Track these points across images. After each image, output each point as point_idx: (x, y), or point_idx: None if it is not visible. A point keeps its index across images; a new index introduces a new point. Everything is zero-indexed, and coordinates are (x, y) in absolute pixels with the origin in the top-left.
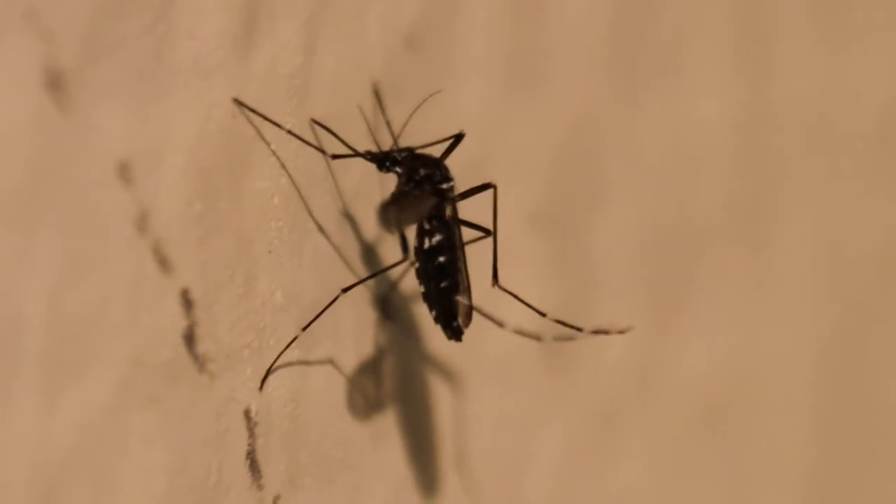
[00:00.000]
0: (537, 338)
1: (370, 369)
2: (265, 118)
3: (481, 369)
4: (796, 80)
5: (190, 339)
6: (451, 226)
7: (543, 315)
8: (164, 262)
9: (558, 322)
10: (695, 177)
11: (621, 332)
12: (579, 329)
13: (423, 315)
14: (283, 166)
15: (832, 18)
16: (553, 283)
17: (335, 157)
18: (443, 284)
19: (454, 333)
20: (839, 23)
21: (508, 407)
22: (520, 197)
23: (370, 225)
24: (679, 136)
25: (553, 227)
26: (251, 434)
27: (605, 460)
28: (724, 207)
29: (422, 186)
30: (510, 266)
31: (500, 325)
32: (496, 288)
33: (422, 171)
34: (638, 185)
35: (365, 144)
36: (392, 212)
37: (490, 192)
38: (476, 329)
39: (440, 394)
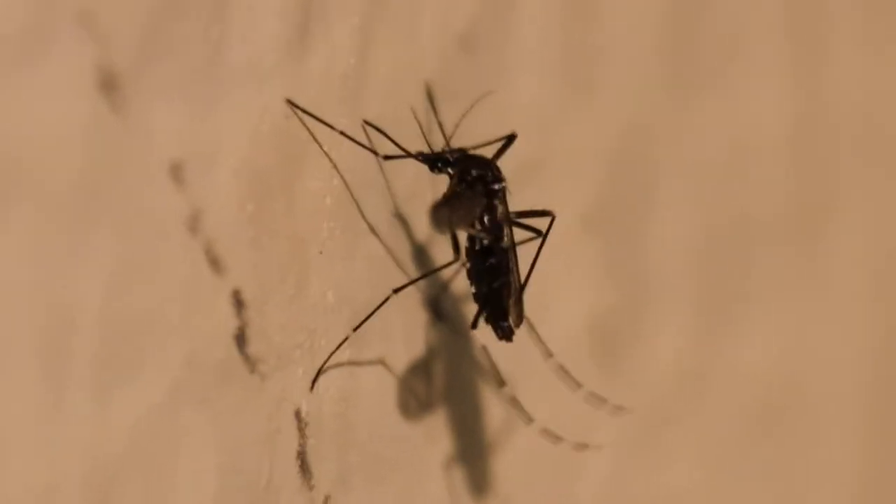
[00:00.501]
0: (577, 384)
1: (420, 370)
2: (318, 119)
3: (532, 370)
4: (850, 81)
5: (241, 339)
6: (502, 227)
7: (551, 356)
8: (216, 263)
9: (561, 369)
10: (748, 179)
11: (618, 409)
12: (579, 385)
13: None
14: (335, 167)
15: (885, 20)
16: (606, 285)
17: (387, 157)
18: (494, 285)
19: (505, 334)
20: (892, 23)
21: (559, 408)
22: (573, 198)
23: (422, 226)
24: (732, 137)
25: (607, 228)
26: (302, 434)
27: (657, 463)
28: (778, 210)
29: (474, 187)
30: (563, 267)
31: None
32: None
33: (474, 172)
34: (692, 187)
35: (417, 145)
36: (444, 213)
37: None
38: (527, 330)
39: (490, 394)
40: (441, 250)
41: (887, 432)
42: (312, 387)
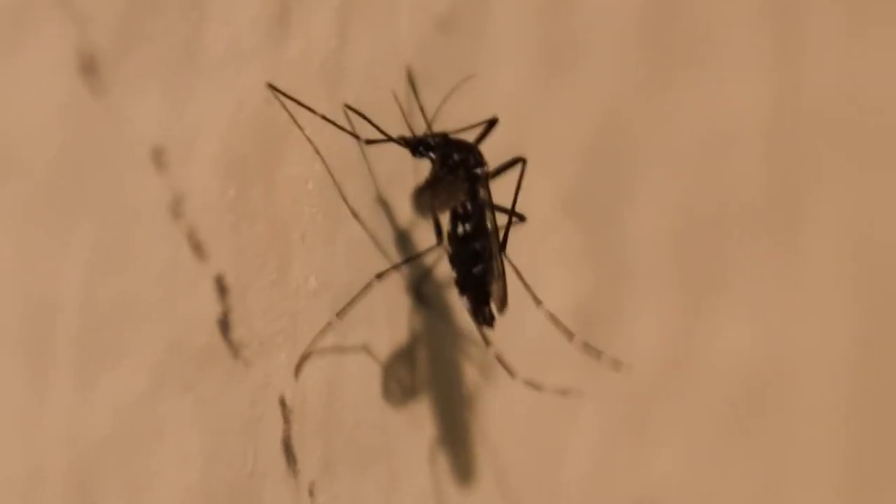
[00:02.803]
0: (570, 334)
1: (404, 355)
2: (299, 104)
3: (515, 354)
4: (828, 68)
5: (224, 324)
6: (484, 211)
7: (572, 336)
8: (198, 248)
9: (586, 346)
10: (726, 166)
11: (616, 365)
12: (599, 353)
13: (457, 300)
14: (316, 152)
15: (863, 10)
16: (586, 270)
17: (369, 142)
18: (475, 270)
19: (486, 320)
20: (870, 11)
21: (543, 392)
22: (553, 183)
23: (404, 210)
24: (711, 123)
25: (586, 213)
26: (286, 420)
27: (640, 447)
28: (757, 195)
29: (456, 172)
30: (543, 252)
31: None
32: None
33: (456, 157)
34: (670, 173)
35: (398, 130)
36: (426, 197)
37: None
38: (509, 314)
39: (474, 379)
40: (423, 234)
41: (866, 416)
42: (297, 374)
